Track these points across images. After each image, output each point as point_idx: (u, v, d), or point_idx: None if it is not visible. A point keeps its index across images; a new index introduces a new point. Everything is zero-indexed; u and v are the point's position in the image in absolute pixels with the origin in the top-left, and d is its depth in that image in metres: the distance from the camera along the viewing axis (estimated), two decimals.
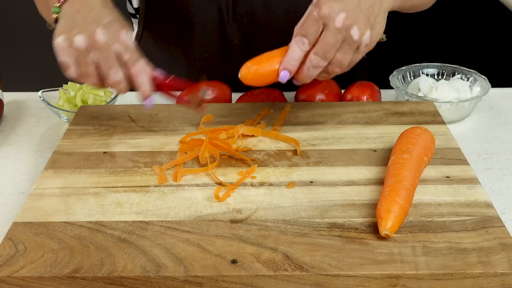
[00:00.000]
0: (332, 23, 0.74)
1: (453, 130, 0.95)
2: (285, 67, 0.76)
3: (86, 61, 0.75)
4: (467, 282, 0.61)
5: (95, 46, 0.74)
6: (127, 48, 0.75)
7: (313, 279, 0.61)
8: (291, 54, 0.76)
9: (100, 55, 0.74)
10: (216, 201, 0.72)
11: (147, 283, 0.61)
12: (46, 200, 0.72)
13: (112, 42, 0.74)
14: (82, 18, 0.76)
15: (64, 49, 0.75)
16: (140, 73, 0.76)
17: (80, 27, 0.75)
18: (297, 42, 0.76)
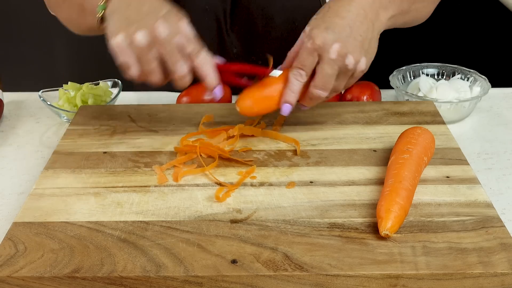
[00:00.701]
0: (327, 55, 0.75)
1: (453, 130, 0.95)
2: (286, 100, 0.77)
3: (149, 58, 0.71)
4: (467, 282, 0.61)
5: (158, 41, 0.70)
6: (189, 39, 0.72)
7: (313, 279, 0.61)
8: (291, 88, 0.77)
9: (164, 50, 0.71)
10: (216, 201, 0.72)
11: (147, 283, 0.61)
12: (46, 200, 0.72)
13: (174, 34, 0.71)
14: (136, 12, 0.72)
15: (123, 49, 0.71)
16: (204, 64, 0.73)
17: (138, 23, 0.70)
18: (295, 75, 0.76)
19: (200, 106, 0.95)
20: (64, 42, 2.28)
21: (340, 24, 0.76)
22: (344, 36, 0.75)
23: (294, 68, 0.77)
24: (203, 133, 0.86)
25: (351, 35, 0.76)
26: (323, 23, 0.76)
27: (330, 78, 0.76)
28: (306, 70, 0.76)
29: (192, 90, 1.00)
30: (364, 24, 0.77)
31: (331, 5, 0.78)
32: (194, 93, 1.00)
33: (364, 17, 0.77)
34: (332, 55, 0.75)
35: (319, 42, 0.75)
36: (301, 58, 0.76)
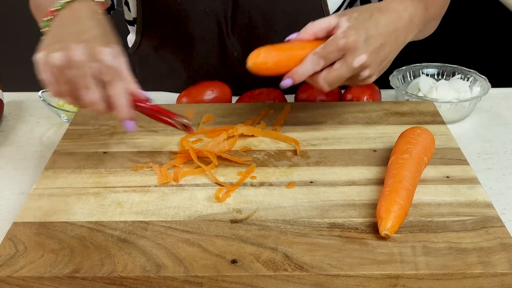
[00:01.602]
0: (351, 60, 0.75)
1: (453, 130, 0.95)
2: (292, 77, 0.76)
3: (62, 79, 0.70)
4: (467, 282, 0.61)
5: (71, 64, 0.68)
6: (107, 67, 0.69)
7: (313, 279, 0.61)
8: (303, 69, 0.76)
9: (76, 73, 0.68)
10: (216, 201, 0.72)
11: (147, 283, 0.61)
12: (46, 200, 0.72)
13: (90, 60, 0.68)
14: (66, 33, 0.72)
15: (42, 65, 0.71)
16: (118, 96, 0.70)
17: (61, 43, 0.70)
18: (313, 61, 0.76)
19: (200, 106, 0.95)
20: None
21: (376, 38, 0.76)
22: (373, 51, 0.76)
23: (316, 54, 0.76)
24: (203, 133, 0.86)
25: (379, 53, 0.77)
26: (362, 27, 0.76)
27: (341, 79, 0.76)
28: (326, 62, 0.76)
29: (192, 90, 1.00)
30: (393, 45, 0.79)
31: (374, 11, 0.78)
32: (194, 93, 1.00)
33: (395, 38, 0.79)
34: (355, 64, 0.75)
35: (352, 45, 0.75)
36: (328, 49, 0.75)
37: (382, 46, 0.77)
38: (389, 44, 0.78)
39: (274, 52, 0.77)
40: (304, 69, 0.76)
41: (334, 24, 0.77)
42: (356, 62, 0.75)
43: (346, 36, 0.75)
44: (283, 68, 0.76)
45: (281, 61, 0.76)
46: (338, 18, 0.77)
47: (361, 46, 0.75)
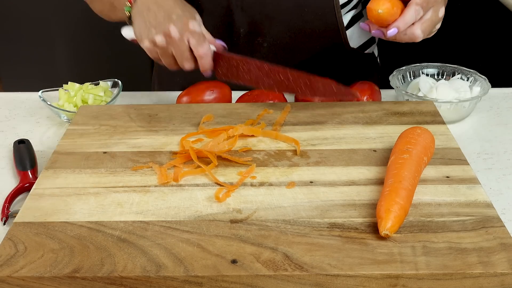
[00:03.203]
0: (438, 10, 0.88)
1: (453, 130, 0.95)
2: (398, 26, 0.85)
3: (168, 54, 0.88)
4: (467, 282, 0.61)
5: (172, 42, 0.86)
6: (194, 34, 0.86)
7: (313, 279, 0.61)
8: (407, 18, 0.85)
9: (176, 48, 0.87)
10: (216, 201, 0.72)
11: (147, 283, 0.61)
12: (46, 200, 0.72)
13: (183, 34, 0.86)
14: (154, 18, 0.87)
15: (150, 50, 0.89)
16: (203, 56, 0.87)
17: (156, 28, 0.87)
18: (417, 10, 0.84)
19: (200, 106, 0.95)
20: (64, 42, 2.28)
21: None
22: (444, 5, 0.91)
23: (418, 4, 0.84)
24: (203, 133, 0.86)
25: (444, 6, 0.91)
26: None
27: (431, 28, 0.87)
28: (424, 11, 0.85)
29: (192, 90, 1.00)
30: None
31: None
32: (194, 93, 1.00)
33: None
34: (441, 14, 0.89)
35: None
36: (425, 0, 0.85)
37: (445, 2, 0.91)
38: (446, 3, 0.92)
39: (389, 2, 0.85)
40: (408, 17, 0.85)
41: None
42: (441, 12, 0.88)
43: None
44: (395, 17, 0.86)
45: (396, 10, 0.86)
46: None
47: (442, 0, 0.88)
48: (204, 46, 0.87)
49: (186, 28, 0.86)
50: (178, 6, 0.89)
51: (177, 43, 0.86)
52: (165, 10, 0.88)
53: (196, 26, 0.87)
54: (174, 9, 0.88)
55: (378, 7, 0.84)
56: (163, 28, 0.86)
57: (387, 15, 0.83)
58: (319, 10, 1.05)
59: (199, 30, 0.87)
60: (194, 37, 0.86)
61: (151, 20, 0.88)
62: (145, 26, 0.88)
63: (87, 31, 2.21)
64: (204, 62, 0.88)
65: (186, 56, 0.88)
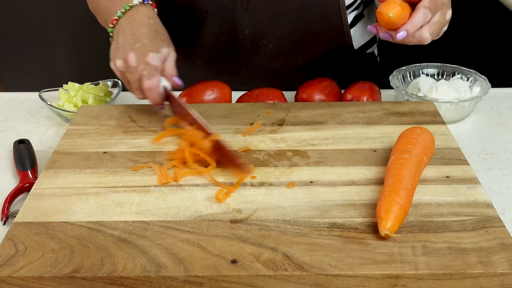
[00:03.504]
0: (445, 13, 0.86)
1: (453, 130, 0.95)
2: (406, 29, 0.83)
3: (125, 79, 0.89)
4: (467, 282, 0.61)
5: (128, 69, 0.86)
6: (147, 65, 0.85)
7: (313, 279, 0.61)
8: (416, 21, 0.83)
9: (131, 76, 0.87)
10: (216, 201, 0.72)
11: (147, 283, 0.61)
12: (46, 200, 0.72)
13: (139, 64, 0.85)
14: (123, 40, 0.88)
15: (114, 71, 0.89)
16: (148, 90, 0.86)
17: (119, 51, 0.87)
18: (425, 13, 0.83)
19: (200, 106, 0.95)
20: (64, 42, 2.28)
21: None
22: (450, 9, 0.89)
23: (426, 7, 0.83)
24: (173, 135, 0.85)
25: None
26: None
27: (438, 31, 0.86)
28: (432, 14, 0.83)
29: (192, 90, 1.00)
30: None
31: None
32: (194, 93, 1.00)
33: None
34: (448, 16, 0.87)
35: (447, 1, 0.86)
36: (433, 3, 0.83)
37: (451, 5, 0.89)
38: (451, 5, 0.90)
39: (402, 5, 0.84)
40: (417, 20, 0.83)
41: None
42: (448, 14, 0.87)
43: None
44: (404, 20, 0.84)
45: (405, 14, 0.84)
46: None
47: (449, 2, 0.87)
48: (152, 80, 0.85)
49: (143, 59, 0.85)
50: (148, 35, 0.88)
51: (132, 71, 0.86)
52: (134, 36, 0.88)
53: (154, 59, 0.86)
54: (142, 38, 0.87)
55: (388, 11, 0.83)
56: (124, 54, 0.86)
57: (398, 19, 0.83)
58: (324, 12, 1.05)
59: (155, 63, 0.86)
60: (146, 69, 0.85)
61: (119, 43, 0.88)
62: (114, 47, 0.89)
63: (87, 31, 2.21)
64: (150, 95, 0.86)
65: (136, 86, 0.87)
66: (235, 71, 1.12)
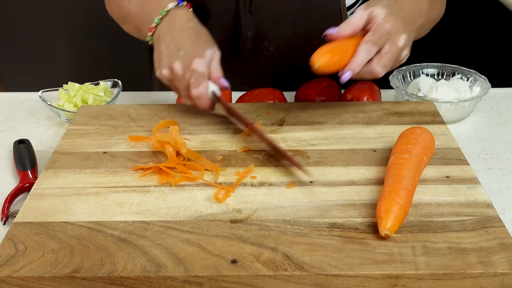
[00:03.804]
0: (397, 41, 0.82)
1: (453, 130, 0.95)
2: (351, 68, 0.81)
3: (174, 86, 0.88)
4: (467, 282, 0.61)
5: (175, 77, 0.86)
6: (194, 73, 0.84)
7: (313, 279, 0.61)
8: (359, 59, 0.81)
9: (178, 84, 0.86)
10: (216, 201, 0.72)
11: (147, 283, 0.61)
12: (46, 200, 0.72)
13: (186, 72, 0.85)
14: (165, 48, 0.88)
15: (161, 79, 0.89)
16: (196, 98, 0.85)
17: (163, 60, 0.87)
18: (367, 49, 0.81)
19: None
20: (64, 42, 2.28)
21: (406, 20, 0.84)
22: (408, 31, 0.84)
23: (368, 42, 0.81)
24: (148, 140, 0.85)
25: (411, 34, 0.85)
26: (396, 12, 0.84)
27: (391, 61, 0.82)
28: (378, 47, 0.81)
29: None
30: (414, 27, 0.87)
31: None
32: None
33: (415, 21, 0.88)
34: (400, 43, 0.83)
35: (395, 28, 0.82)
36: (377, 35, 0.81)
37: (411, 26, 0.86)
38: (413, 26, 0.87)
39: (332, 51, 0.81)
40: (361, 58, 0.81)
41: (367, 17, 0.83)
42: (400, 41, 0.82)
43: (389, 21, 0.82)
44: (342, 62, 0.81)
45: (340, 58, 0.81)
46: (368, 10, 0.83)
47: (401, 28, 0.83)
48: (200, 88, 0.84)
49: (189, 66, 0.85)
50: (190, 40, 0.87)
51: (179, 79, 0.86)
52: (176, 43, 0.87)
53: (200, 65, 0.85)
54: (184, 44, 0.87)
55: (315, 62, 0.79)
56: (169, 62, 0.86)
57: (327, 68, 0.79)
58: (325, 13, 1.05)
59: (201, 69, 0.84)
60: (193, 76, 0.84)
61: (162, 51, 0.88)
62: (157, 56, 0.89)
63: (87, 31, 2.21)
64: (199, 102, 0.85)
65: (185, 94, 0.87)
66: (236, 72, 1.12)
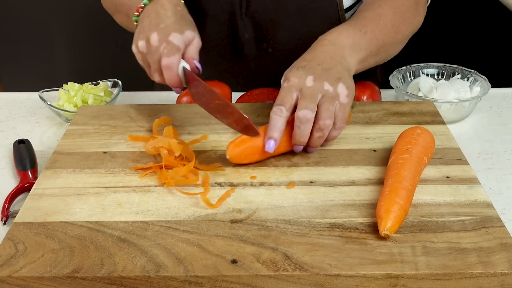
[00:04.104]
0: (305, 86, 0.79)
1: (453, 130, 0.95)
2: (270, 136, 0.78)
3: (146, 62, 0.85)
4: (467, 282, 0.61)
5: (150, 49, 0.83)
6: (169, 44, 0.81)
7: (313, 279, 0.61)
8: (272, 123, 0.78)
9: (151, 56, 0.83)
10: (216, 200, 0.72)
11: (147, 283, 0.61)
12: (46, 200, 0.72)
13: (161, 43, 0.82)
14: (148, 23, 0.86)
15: (136, 54, 0.86)
16: (166, 68, 0.81)
17: (143, 33, 0.85)
18: (275, 112, 0.78)
19: (200, 106, 0.94)
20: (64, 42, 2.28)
21: (310, 65, 0.82)
22: (315, 70, 0.81)
23: (274, 106, 0.79)
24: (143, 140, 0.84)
25: (322, 69, 0.81)
26: (294, 67, 0.82)
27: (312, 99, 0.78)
28: (286, 105, 0.78)
29: None
30: (332, 61, 0.83)
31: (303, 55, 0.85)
32: None
33: (330, 57, 0.83)
34: (308, 83, 0.79)
35: (294, 79, 0.80)
36: (280, 96, 0.79)
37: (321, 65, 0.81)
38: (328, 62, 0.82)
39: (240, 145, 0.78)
40: (273, 123, 0.78)
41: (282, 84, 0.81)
42: (308, 82, 0.79)
43: (287, 78, 0.80)
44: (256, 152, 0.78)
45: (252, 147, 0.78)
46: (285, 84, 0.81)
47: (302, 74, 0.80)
48: (171, 58, 0.81)
49: (165, 39, 0.82)
50: (173, 18, 0.86)
51: (153, 51, 0.83)
52: (159, 18, 0.85)
53: (176, 38, 0.82)
54: (167, 20, 0.85)
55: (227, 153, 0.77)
56: (147, 34, 0.84)
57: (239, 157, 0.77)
58: (323, 14, 1.05)
59: (177, 42, 0.82)
60: (167, 47, 0.81)
61: (144, 26, 0.86)
62: (138, 31, 0.87)
63: (87, 31, 2.21)
64: (168, 74, 0.82)
65: (156, 67, 0.83)
66: (236, 74, 1.12)
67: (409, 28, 0.97)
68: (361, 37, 0.88)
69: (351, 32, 0.88)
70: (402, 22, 0.95)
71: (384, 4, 0.95)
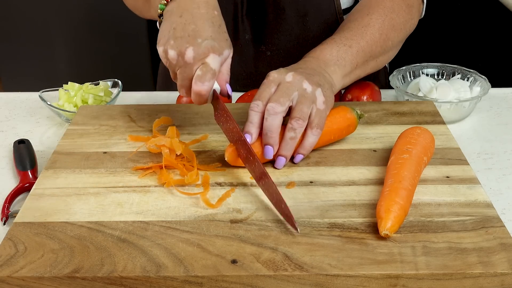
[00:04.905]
0: (284, 80, 0.79)
1: (453, 130, 0.95)
2: (246, 131, 0.77)
3: (173, 70, 0.79)
4: (467, 282, 0.61)
5: (181, 63, 0.76)
6: (204, 67, 0.76)
7: (313, 279, 0.61)
8: (249, 119, 0.78)
9: (182, 71, 0.77)
10: (216, 200, 0.72)
11: (147, 283, 0.61)
12: (46, 200, 0.72)
13: (196, 63, 0.76)
14: (181, 28, 0.77)
15: (162, 57, 0.79)
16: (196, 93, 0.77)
17: (176, 41, 0.76)
18: (252, 107, 0.78)
19: (200, 106, 0.94)
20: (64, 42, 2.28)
21: (294, 67, 0.83)
22: (298, 71, 0.80)
23: (252, 101, 0.78)
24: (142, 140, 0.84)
25: (305, 72, 0.81)
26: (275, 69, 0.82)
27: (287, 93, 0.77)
28: (263, 100, 0.78)
29: None
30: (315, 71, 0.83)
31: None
32: None
33: (313, 69, 0.83)
34: (288, 78, 0.78)
35: (274, 74, 0.80)
36: (258, 91, 0.79)
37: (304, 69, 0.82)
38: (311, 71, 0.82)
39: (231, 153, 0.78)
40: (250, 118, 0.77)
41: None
42: (288, 77, 0.78)
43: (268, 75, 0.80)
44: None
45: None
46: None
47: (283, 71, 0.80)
48: (206, 85, 0.75)
49: (202, 59, 0.76)
50: (211, 31, 0.77)
51: (184, 67, 0.76)
52: (195, 27, 0.77)
53: (215, 62, 0.76)
54: (205, 32, 0.77)
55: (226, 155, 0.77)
56: (180, 45, 0.76)
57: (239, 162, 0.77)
58: (321, 16, 1.05)
59: (214, 66, 0.76)
60: (203, 70, 0.75)
61: (176, 29, 0.77)
62: (168, 31, 0.78)
63: (87, 31, 2.21)
64: (197, 99, 0.77)
65: (185, 84, 0.78)
66: (237, 75, 1.12)
67: (400, 34, 0.96)
68: (345, 52, 0.88)
69: (335, 48, 0.88)
70: (392, 29, 0.94)
71: (373, 11, 0.93)
